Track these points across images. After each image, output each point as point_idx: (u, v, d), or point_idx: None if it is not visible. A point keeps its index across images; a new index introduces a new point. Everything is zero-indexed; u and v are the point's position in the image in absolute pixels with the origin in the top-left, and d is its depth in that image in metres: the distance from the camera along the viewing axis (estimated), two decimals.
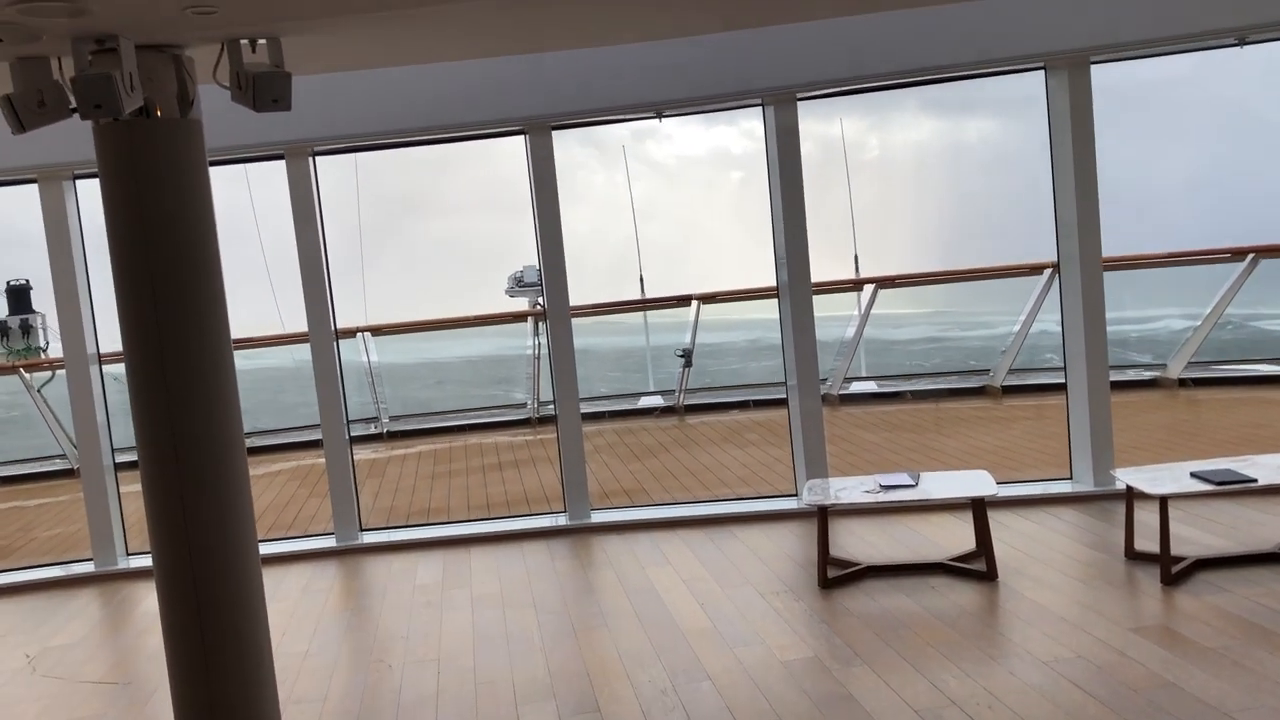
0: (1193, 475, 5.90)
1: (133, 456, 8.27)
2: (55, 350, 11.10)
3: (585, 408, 8.04)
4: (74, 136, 4.78)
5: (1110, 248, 7.45)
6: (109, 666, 6.01)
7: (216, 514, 4.11)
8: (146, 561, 7.74)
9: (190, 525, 4.09)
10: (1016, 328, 10.74)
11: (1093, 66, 7.18)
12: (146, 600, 7.11)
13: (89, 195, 7.73)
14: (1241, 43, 7.04)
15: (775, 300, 7.81)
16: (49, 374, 10.52)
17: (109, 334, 7.90)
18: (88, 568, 7.82)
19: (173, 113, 3.96)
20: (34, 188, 7.61)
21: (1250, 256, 10.04)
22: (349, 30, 4.24)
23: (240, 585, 4.28)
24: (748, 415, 11.31)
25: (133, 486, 7.85)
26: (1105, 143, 7.27)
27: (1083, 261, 7.33)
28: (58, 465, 11.20)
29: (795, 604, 5.91)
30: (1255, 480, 5.78)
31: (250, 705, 4.35)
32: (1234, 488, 5.82)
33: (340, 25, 4.09)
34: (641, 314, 12.65)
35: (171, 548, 4.17)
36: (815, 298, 7.68)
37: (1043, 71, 7.32)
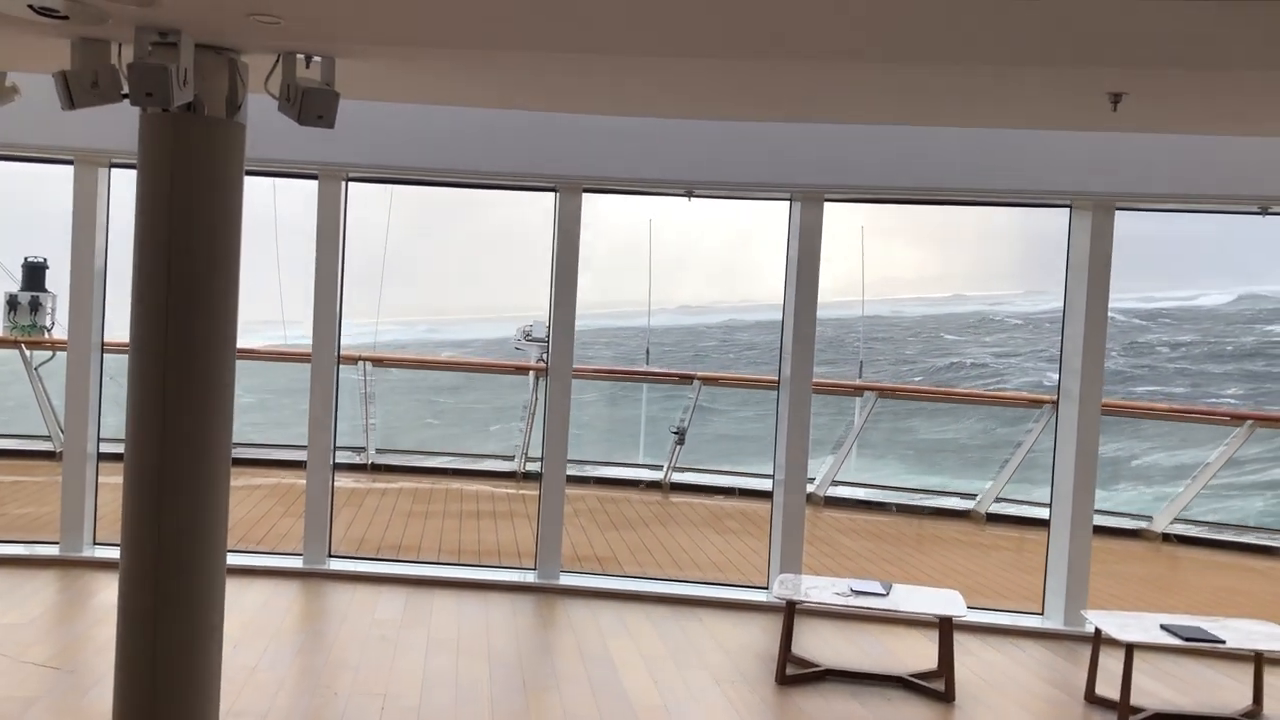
0: (1162, 627, 5.89)
1: (115, 448, 8.28)
2: (59, 332, 11.12)
3: (572, 470, 8.05)
4: (117, 124, 4.88)
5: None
6: (55, 651, 5.94)
7: (191, 510, 4.12)
8: (111, 553, 7.70)
9: (164, 518, 4.09)
10: (1008, 458, 10.76)
11: (1117, 213, 7.32)
12: (105, 592, 7.06)
13: (120, 186, 7.84)
14: (1265, 212, 7.18)
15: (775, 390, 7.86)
16: (49, 354, 10.53)
17: (115, 325, 7.96)
18: (52, 550, 7.77)
19: (219, 113, 4.06)
20: (65, 171, 7.71)
21: (1248, 423, 10.09)
22: (403, 61, 4.36)
23: (202, 588, 4.27)
24: (732, 503, 11.28)
25: (109, 478, 7.88)
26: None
27: (1082, 401, 7.38)
28: (40, 446, 11.16)
29: (750, 695, 5.86)
30: (1223, 641, 5.77)
31: (192, 710, 4.31)
32: (1201, 645, 5.81)
33: (397, 55, 4.21)
34: (642, 384, 12.69)
35: (141, 536, 4.17)
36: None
37: (1068, 210, 7.45)
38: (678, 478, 11.47)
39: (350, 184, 7.78)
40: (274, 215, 10.30)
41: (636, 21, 3.74)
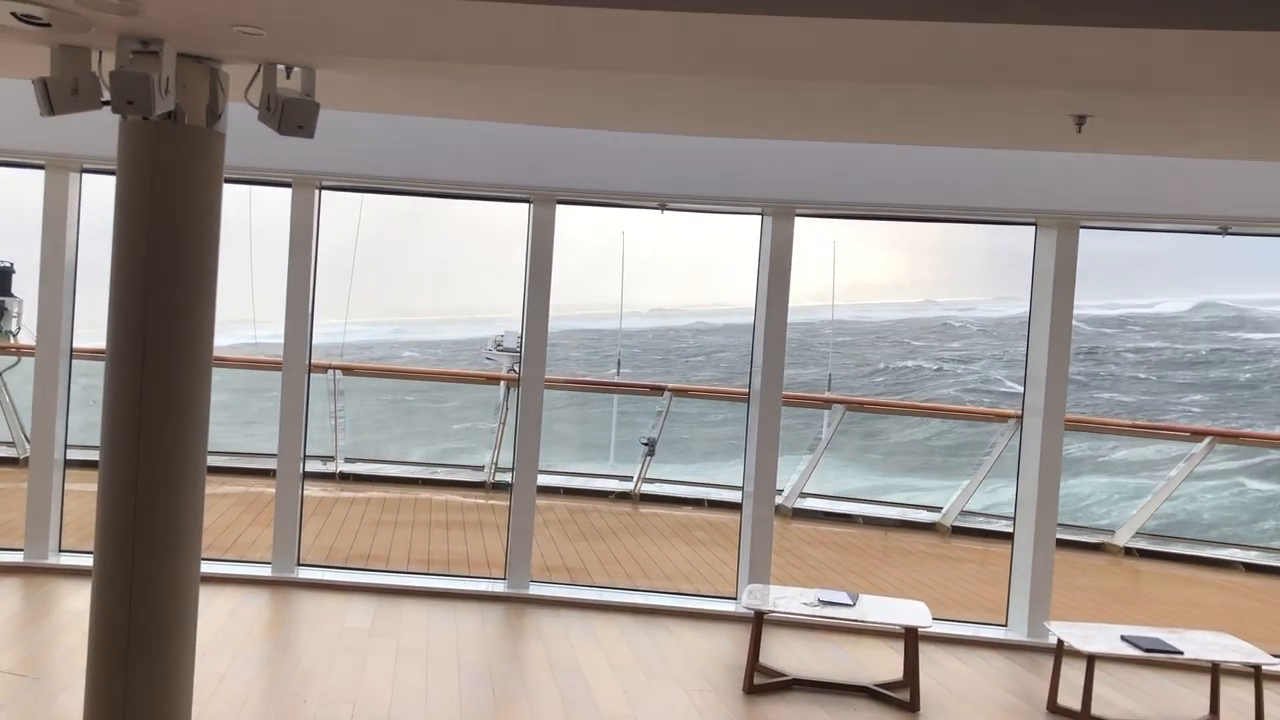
0: (1123, 638, 6.00)
1: (82, 455, 8.20)
2: (24, 337, 11.02)
3: (542, 480, 8.07)
4: (90, 130, 4.89)
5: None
6: (20, 659, 5.90)
7: (167, 515, 4.13)
8: (77, 560, 7.65)
9: (139, 524, 4.10)
10: (975, 469, 10.90)
11: (1081, 231, 7.46)
12: (71, 599, 7.01)
13: (91, 191, 7.80)
14: (1225, 232, 7.35)
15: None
16: (14, 359, 10.45)
17: (84, 330, 7.92)
18: (16, 558, 7.70)
19: (200, 121, 4.08)
20: (32, 174, 7.67)
21: (1207, 439, 10.28)
22: (383, 73, 4.40)
23: (176, 595, 4.28)
24: (701, 514, 11.34)
25: (75, 485, 7.82)
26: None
27: (1046, 415, 7.51)
28: (2, 452, 11.04)
29: (718, 704, 5.91)
30: (1181, 652, 5.89)
31: (163, 716, 4.31)
32: (1160, 656, 5.94)
33: (377, 67, 4.25)
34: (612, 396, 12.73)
35: (116, 543, 4.17)
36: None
37: (1033, 228, 7.59)
38: (647, 488, 11.53)
39: (323, 193, 7.80)
40: (249, 218, 10.28)
41: (612, 38, 3.81)
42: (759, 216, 7.77)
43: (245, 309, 11.42)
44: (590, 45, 3.88)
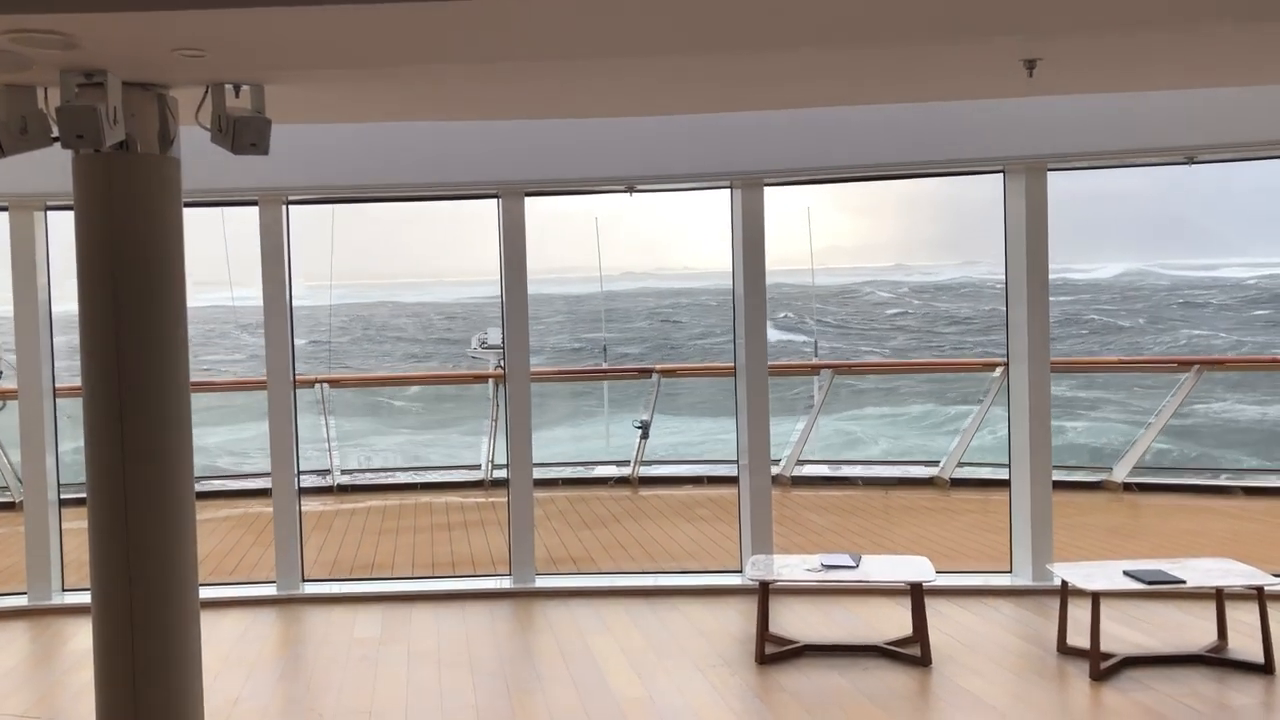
0: (1125, 573, 6.04)
1: (77, 493, 8.18)
2: (8, 381, 10.96)
3: (540, 473, 8.09)
4: (50, 166, 4.86)
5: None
6: (33, 701, 5.91)
7: (159, 543, 4.13)
8: (81, 598, 7.62)
9: (132, 556, 4.10)
10: (966, 423, 10.93)
11: (1050, 173, 7.46)
12: (78, 637, 7.01)
13: (59, 228, 7.76)
14: (1190, 161, 7.36)
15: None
16: (0, 403, 10.40)
17: (66, 368, 7.88)
18: (20, 601, 7.69)
19: (152, 149, 4.06)
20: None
21: (1195, 368, 10.32)
22: (332, 83, 4.38)
23: (176, 620, 4.28)
24: (701, 491, 11.36)
25: (74, 523, 7.81)
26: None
27: (1030, 360, 7.53)
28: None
29: (731, 679, 5.94)
30: (1184, 582, 5.94)
31: None
32: (1163, 588, 5.98)
33: (324, 77, 4.23)
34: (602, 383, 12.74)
35: (111, 579, 4.17)
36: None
37: (1001, 174, 7.59)
38: (645, 471, 11.55)
39: (291, 207, 7.77)
40: (224, 243, 10.25)
41: (564, 26, 3.79)
42: (728, 190, 7.76)
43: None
44: (533, 37, 3.87)
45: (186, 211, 4.40)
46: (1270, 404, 24.13)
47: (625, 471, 11.53)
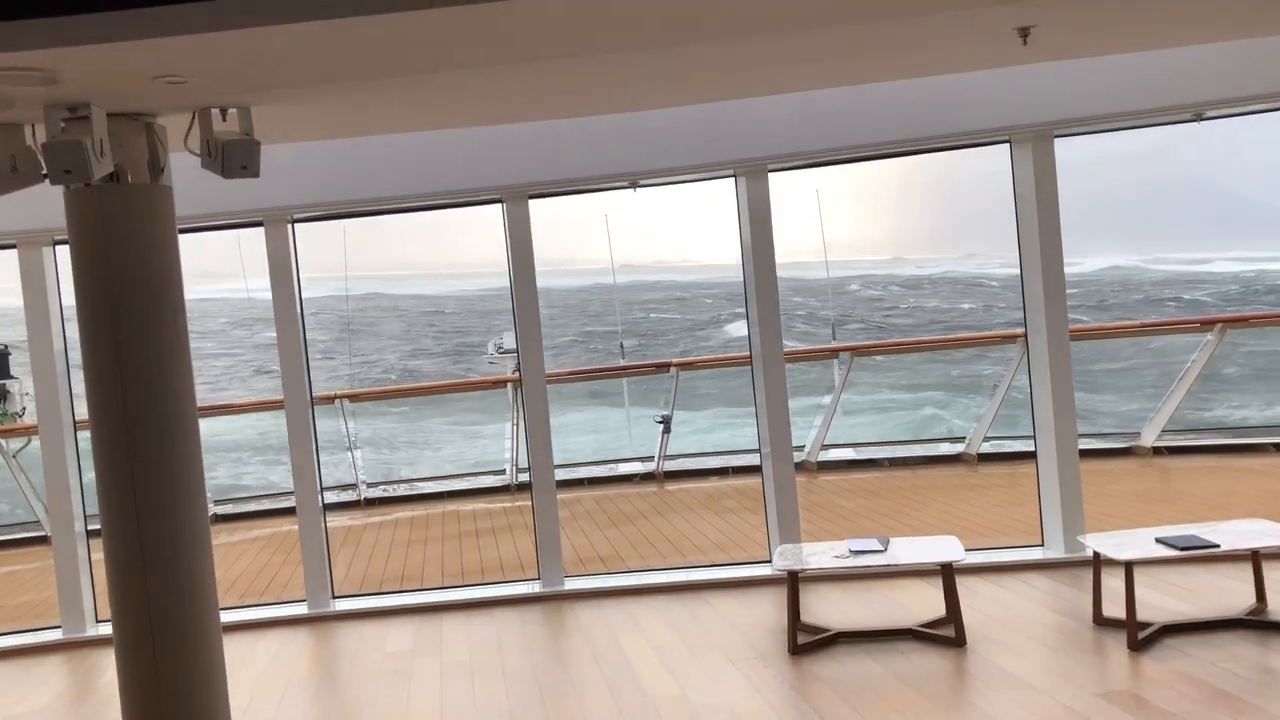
0: (1158, 540, 5.94)
1: None
2: (31, 416, 11.05)
3: (564, 474, 8.06)
4: (54, 202, 4.86)
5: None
6: None
7: (176, 574, 4.12)
8: None
9: (150, 586, 4.09)
10: (992, 397, 10.83)
11: (1056, 140, 7.36)
12: (114, 668, 7.02)
13: (69, 262, 7.77)
14: (1198, 118, 7.23)
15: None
16: (25, 440, 10.48)
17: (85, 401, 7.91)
18: (55, 635, 7.74)
19: (143, 178, 4.05)
20: (7, 255, 7.67)
21: (1218, 326, 10.18)
22: (318, 100, 4.35)
23: (199, 646, 4.27)
24: (727, 482, 11.32)
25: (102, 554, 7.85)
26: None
27: (1049, 330, 7.43)
28: (31, 533, 11.11)
29: (765, 670, 5.89)
30: (1218, 545, 5.83)
31: None
32: (1197, 553, 5.88)
33: (309, 95, 4.20)
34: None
35: (132, 612, 4.17)
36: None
37: (1008, 145, 7.49)
38: (670, 465, 11.51)
39: (297, 225, 7.77)
40: (240, 264, 10.25)
41: (549, 27, 3.74)
42: (732, 179, 7.69)
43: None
44: (521, 38, 3.82)
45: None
46: None
47: (650, 467, 11.49)
